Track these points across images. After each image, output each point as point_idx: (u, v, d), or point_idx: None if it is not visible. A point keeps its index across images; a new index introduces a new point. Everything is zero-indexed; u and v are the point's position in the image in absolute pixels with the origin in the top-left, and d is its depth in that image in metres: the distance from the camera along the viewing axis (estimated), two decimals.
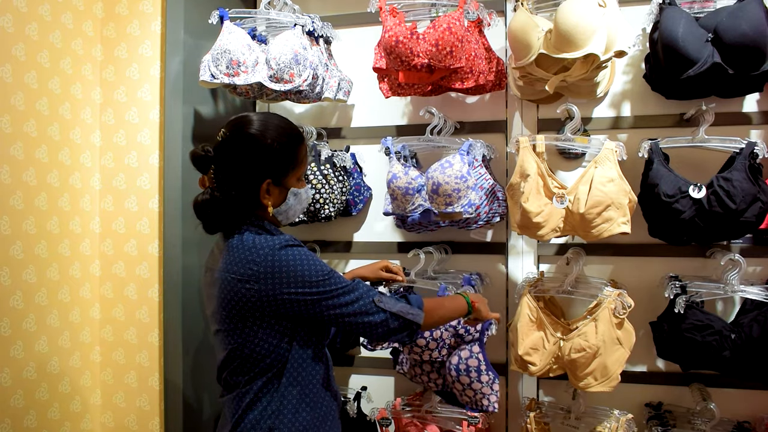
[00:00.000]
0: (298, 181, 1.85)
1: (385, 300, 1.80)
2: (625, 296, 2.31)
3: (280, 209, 1.84)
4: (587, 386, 2.33)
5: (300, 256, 1.72)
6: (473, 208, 2.41)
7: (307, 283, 1.71)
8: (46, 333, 2.62)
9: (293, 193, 1.84)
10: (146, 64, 2.77)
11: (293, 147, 1.79)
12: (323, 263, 1.76)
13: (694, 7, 2.36)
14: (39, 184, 2.57)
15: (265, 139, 1.75)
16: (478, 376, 2.40)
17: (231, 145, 1.76)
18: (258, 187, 1.76)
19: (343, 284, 1.75)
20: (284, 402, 1.76)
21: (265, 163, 1.76)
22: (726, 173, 2.24)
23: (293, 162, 1.80)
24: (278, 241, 1.73)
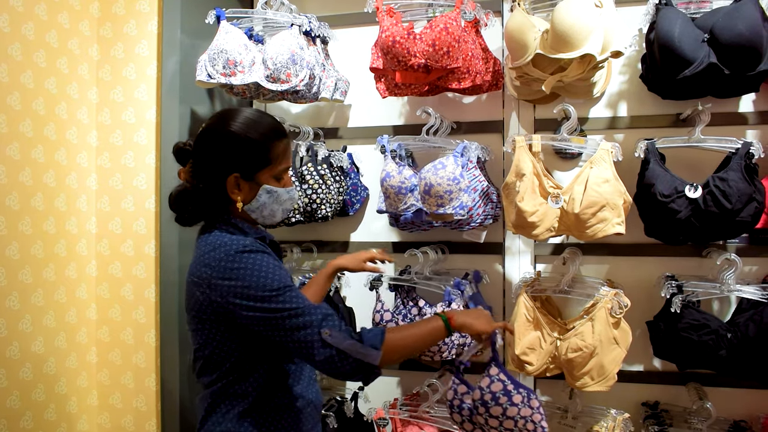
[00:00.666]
0: (275, 179, 1.77)
1: (336, 334, 1.60)
2: (621, 296, 2.31)
3: (251, 206, 1.76)
4: (584, 386, 2.34)
5: (253, 265, 1.63)
6: (465, 210, 2.41)
7: (252, 297, 1.61)
8: (43, 334, 2.61)
9: (266, 191, 1.75)
10: (143, 64, 2.76)
11: (266, 143, 1.72)
12: (279, 276, 1.63)
13: (690, 8, 2.37)
14: (35, 184, 2.57)
15: (233, 132, 1.70)
16: (509, 400, 2.00)
17: (204, 137, 1.74)
18: (224, 179, 1.71)
19: (292, 305, 1.60)
20: (244, 408, 1.71)
21: (233, 156, 1.71)
22: (722, 173, 2.24)
23: (265, 158, 1.73)
24: (236, 246, 1.65)
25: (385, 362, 1.64)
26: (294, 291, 1.64)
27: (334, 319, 1.63)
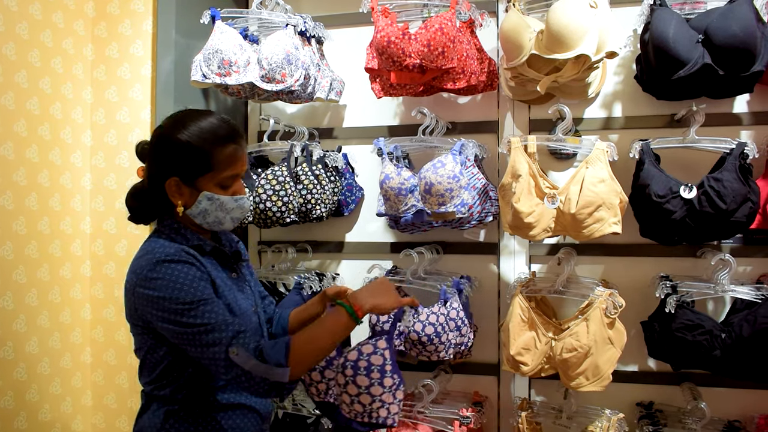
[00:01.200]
0: (219, 187, 1.72)
1: (242, 354, 1.56)
2: (616, 296, 2.31)
3: (192, 212, 1.72)
4: (579, 386, 2.34)
5: (170, 276, 1.60)
6: (466, 207, 2.41)
7: (166, 309, 1.59)
8: (37, 334, 2.60)
9: (207, 198, 1.70)
10: (137, 64, 2.76)
11: (208, 148, 1.67)
12: (195, 289, 1.60)
13: (684, 9, 2.38)
14: (29, 184, 2.56)
15: (174, 135, 1.67)
16: (380, 378, 1.89)
17: (152, 138, 1.74)
18: (163, 183, 1.69)
19: (203, 321, 1.57)
20: (172, 409, 1.71)
21: (172, 160, 1.68)
22: (717, 173, 2.25)
23: (205, 164, 1.68)
24: (159, 254, 1.64)
25: (297, 374, 1.61)
26: (209, 305, 1.60)
27: (245, 336, 1.59)
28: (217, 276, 1.74)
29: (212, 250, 1.78)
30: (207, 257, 1.75)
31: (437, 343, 2.42)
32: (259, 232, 3.13)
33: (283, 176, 2.59)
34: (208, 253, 1.76)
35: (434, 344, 2.42)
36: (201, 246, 1.74)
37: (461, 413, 2.52)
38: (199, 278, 1.63)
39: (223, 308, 1.62)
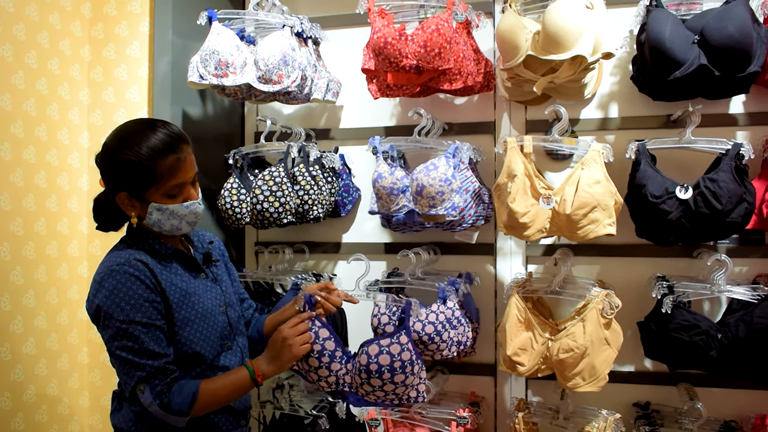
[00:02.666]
0: (166, 196, 1.76)
1: (147, 395, 1.67)
2: (612, 296, 2.32)
3: (147, 222, 1.79)
4: (575, 386, 2.34)
5: (113, 287, 1.68)
6: (457, 211, 2.41)
7: (101, 316, 1.70)
8: (34, 335, 2.60)
9: (156, 209, 1.75)
10: (134, 65, 2.76)
11: (149, 162, 1.70)
12: (130, 308, 1.67)
13: (680, 9, 2.38)
14: (26, 185, 2.56)
15: (116, 153, 1.72)
16: (411, 369, 2.02)
17: (100, 153, 1.79)
18: (114, 197, 1.77)
19: (128, 344, 1.67)
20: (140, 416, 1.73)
21: (118, 176, 1.74)
22: (712, 174, 2.25)
23: (149, 178, 1.71)
24: (109, 263, 1.72)
25: (193, 416, 1.75)
26: (138, 329, 1.67)
27: (156, 380, 1.69)
28: (178, 279, 1.81)
29: (173, 253, 1.84)
30: (168, 261, 1.82)
31: (438, 341, 2.42)
32: (256, 233, 3.14)
33: (280, 177, 2.60)
34: (169, 255, 1.83)
35: (435, 343, 2.42)
36: (158, 250, 1.81)
37: (458, 414, 2.53)
38: (144, 298, 1.69)
39: (151, 338, 1.69)
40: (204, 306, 1.84)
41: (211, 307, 1.87)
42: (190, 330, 1.80)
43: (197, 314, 1.81)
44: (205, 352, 1.83)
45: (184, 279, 1.83)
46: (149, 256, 1.77)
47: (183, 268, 1.86)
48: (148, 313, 1.68)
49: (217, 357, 1.88)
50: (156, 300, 1.71)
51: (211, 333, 1.85)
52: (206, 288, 1.89)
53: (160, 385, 1.68)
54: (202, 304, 1.84)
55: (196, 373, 1.81)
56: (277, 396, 2.77)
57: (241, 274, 2.82)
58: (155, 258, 1.79)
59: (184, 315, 1.79)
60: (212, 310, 1.87)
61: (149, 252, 1.78)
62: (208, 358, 1.84)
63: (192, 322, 1.80)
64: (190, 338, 1.79)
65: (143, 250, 1.78)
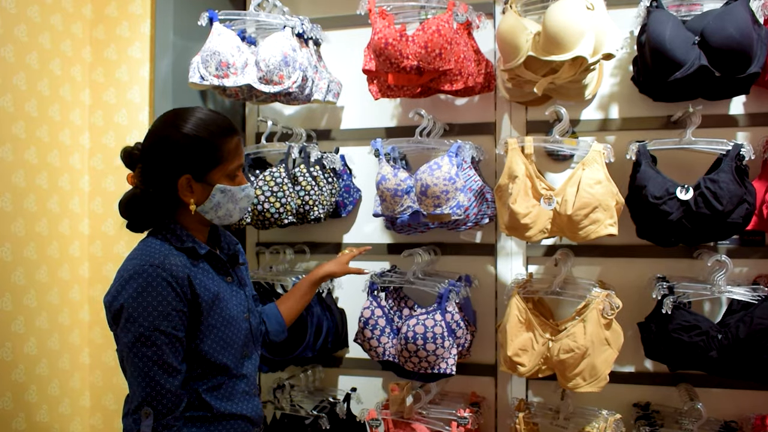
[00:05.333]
0: (228, 178, 1.74)
1: (148, 420, 1.60)
2: (613, 297, 2.32)
3: (205, 207, 1.73)
4: (576, 387, 2.34)
5: (140, 288, 1.60)
6: (462, 209, 2.41)
7: (123, 323, 1.61)
8: (35, 335, 2.61)
9: (220, 191, 1.72)
10: (135, 66, 2.77)
11: (215, 142, 1.69)
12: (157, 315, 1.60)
13: (681, 10, 2.38)
14: (28, 185, 2.57)
15: (180, 132, 1.66)
16: (442, 342, 2.41)
17: (150, 140, 1.71)
18: (176, 182, 1.68)
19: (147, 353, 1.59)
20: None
21: (182, 158, 1.67)
22: (713, 175, 2.26)
23: (215, 157, 1.69)
24: (144, 261, 1.63)
25: None
26: (161, 339, 1.60)
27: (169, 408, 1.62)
28: (209, 281, 1.74)
29: (206, 253, 1.77)
30: (200, 261, 1.75)
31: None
32: (257, 234, 3.14)
33: (280, 178, 2.60)
34: (202, 256, 1.75)
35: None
36: (194, 249, 1.73)
37: (459, 414, 2.53)
38: (172, 306, 1.62)
39: (171, 350, 1.62)
40: (230, 312, 1.77)
41: (236, 313, 1.80)
42: (214, 338, 1.72)
43: (223, 320, 1.75)
44: (229, 361, 1.76)
45: (214, 281, 1.76)
46: (185, 256, 1.70)
47: (213, 269, 1.79)
48: (173, 323, 1.62)
49: (236, 365, 1.80)
50: (183, 309, 1.64)
51: (234, 341, 1.78)
52: (232, 293, 1.82)
53: (165, 420, 1.61)
54: (228, 310, 1.77)
55: (214, 384, 1.73)
56: (278, 396, 2.77)
57: None
58: (190, 257, 1.72)
59: (211, 321, 1.72)
60: (237, 316, 1.80)
61: (184, 251, 1.72)
62: (231, 369, 1.77)
63: (216, 329, 1.73)
64: (213, 346, 1.72)
65: (179, 249, 1.71)
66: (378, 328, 2.54)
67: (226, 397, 1.76)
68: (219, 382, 1.75)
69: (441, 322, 2.41)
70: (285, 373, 2.87)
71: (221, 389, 1.75)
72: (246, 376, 1.83)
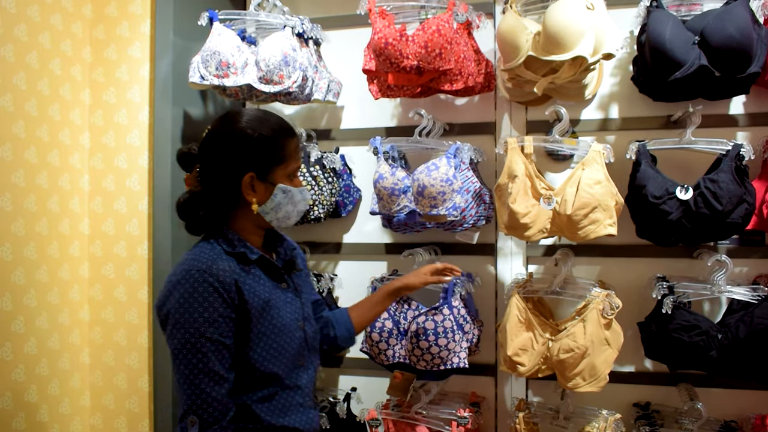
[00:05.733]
0: (288, 178, 1.73)
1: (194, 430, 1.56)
2: (613, 297, 2.32)
3: (266, 208, 1.71)
4: (576, 386, 2.34)
5: (188, 296, 1.58)
6: (458, 211, 2.41)
7: (170, 330, 1.59)
8: (35, 335, 2.61)
9: (282, 190, 1.71)
10: (135, 66, 2.77)
11: (278, 140, 1.69)
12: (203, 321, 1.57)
13: (681, 10, 2.38)
14: (28, 185, 2.57)
15: (245, 130, 1.66)
16: (453, 337, 2.41)
17: (212, 139, 1.69)
18: (239, 180, 1.66)
19: (192, 360, 1.56)
20: None
21: (246, 155, 1.66)
22: (713, 175, 2.26)
23: (278, 156, 1.69)
24: (191, 266, 1.61)
25: None
26: (207, 346, 1.57)
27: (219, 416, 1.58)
28: (260, 287, 1.70)
29: (258, 259, 1.73)
30: (252, 266, 1.71)
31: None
32: None
33: None
34: (253, 262, 1.72)
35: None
36: (244, 254, 1.70)
37: (459, 414, 2.53)
38: (219, 312, 1.59)
39: (218, 358, 1.59)
40: (282, 320, 1.72)
41: (289, 322, 1.75)
42: (264, 346, 1.68)
43: (274, 329, 1.70)
44: (280, 371, 1.71)
45: (266, 288, 1.71)
46: (235, 261, 1.67)
47: (265, 275, 1.74)
48: (220, 330, 1.58)
49: (290, 375, 1.75)
50: (230, 316, 1.61)
51: (286, 351, 1.73)
52: (286, 300, 1.77)
53: (210, 430, 1.56)
54: (281, 318, 1.72)
55: (265, 395, 1.69)
56: None
57: None
58: (240, 262, 1.68)
59: (261, 329, 1.67)
60: (290, 325, 1.75)
61: (235, 256, 1.68)
62: (283, 379, 1.72)
63: (267, 338, 1.68)
64: (263, 355, 1.68)
65: (229, 253, 1.68)
66: (386, 330, 2.52)
67: (278, 409, 1.71)
68: (270, 393, 1.70)
69: (449, 316, 2.42)
70: None
71: (273, 401, 1.71)
72: (300, 388, 1.77)
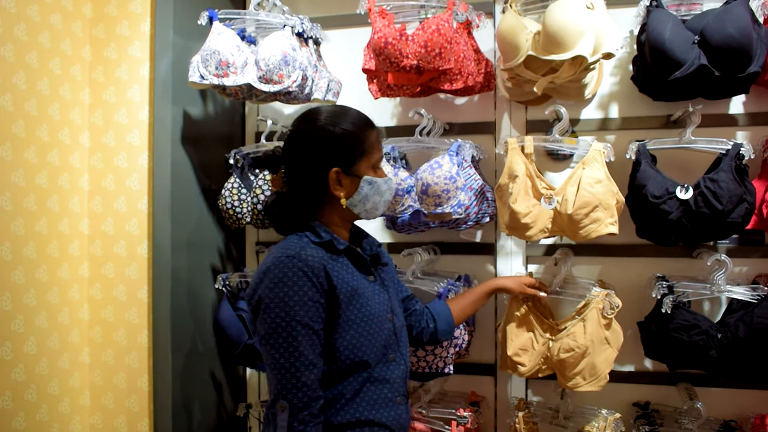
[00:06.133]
0: (372, 169, 1.78)
1: (284, 414, 1.56)
2: (612, 296, 2.32)
3: (353, 201, 1.75)
4: (576, 386, 2.34)
5: (278, 281, 1.60)
6: (462, 208, 2.41)
7: (261, 315, 1.62)
8: (35, 334, 2.61)
9: (367, 182, 1.75)
10: (135, 65, 2.76)
11: (360, 133, 1.74)
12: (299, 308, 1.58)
13: (681, 10, 2.38)
14: (27, 185, 2.57)
15: (326, 127, 1.71)
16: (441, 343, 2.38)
17: (294, 139, 1.76)
18: (325, 176, 1.71)
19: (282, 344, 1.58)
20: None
21: (330, 151, 1.71)
22: (713, 174, 2.26)
23: (361, 148, 1.74)
24: (280, 254, 1.64)
25: None
26: (297, 329, 1.58)
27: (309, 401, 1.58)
28: (349, 275, 1.72)
29: (345, 249, 1.76)
30: (340, 256, 1.75)
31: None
32: (256, 233, 3.14)
33: None
34: (341, 251, 1.75)
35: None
36: (332, 243, 1.73)
37: (458, 413, 2.53)
38: (308, 296, 1.61)
39: (308, 343, 1.60)
40: (371, 309, 1.73)
41: (378, 312, 1.75)
42: (353, 333, 1.68)
43: (363, 317, 1.70)
44: (369, 359, 1.71)
45: (354, 276, 1.74)
46: (323, 250, 1.70)
47: (353, 265, 1.77)
48: (310, 314, 1.60)
49: (379, 368, 1.74)
50: (320, 301, 1.63)
51: (375, 340, 1.72)
52: (374, 291, 1.79)
53: (300, 415, 1.57)
54: (369, 307, 1.73)
55: (353, 385, 1.69)
56: None
57: (242, 274, 2.83)
58: (328, 251, 1.72)
59: (349, 316, 1.68)
60: (379, 315, 1.75)
61: (322, 245, 1.72)
62: (372, 369, 1.72)
63: (356, 325, 1.69)
64: (352, 342, 1.68)
65: (317, 243, 1.71)
66: None
67: (365, 402, 1.71)
68: (358, 386, 1.70)
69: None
70: None
71: (360, 393, 1.71)
72: (389, 382, 1.76)
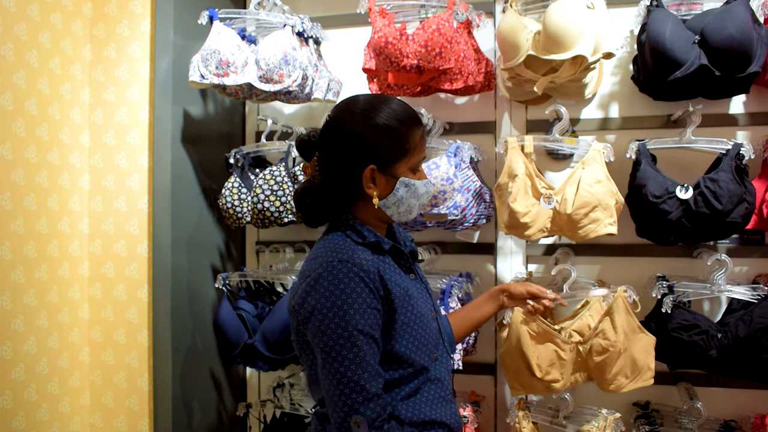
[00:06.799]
0: (411, 170, 1.62)
1: (365, 429, 1.45)
2: (631, 289, 2.31)
3: (387, 202, 1.61)
4: (620, 387, 2.28)
5: (333, 288, 1.47)
6: (459, 210, 2.41)
7: (317, 327, 1.48)
8: (35, 334, 2.61)
9: (404, 184, 1.60)
10: (135, 65, 2.76)
11: (402, 130, 1.57)
12: (359, 315, 1.46)
13: (681, 9, 2.39)
14: (27, 184, 2.57)
15: (368, 119, 1.55)
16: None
17: (333, 127, 1.59)
18: (360, 172, 1.57)
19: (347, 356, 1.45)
20: None
21: (369, 146, 1.55)
22: (713, 174, 2.26)
23: (403, 147, 1.58)
24: (331, 257, 1.51)
25: None
26: (361, 339, 1.46)
27: (381, 411, 1.49)
28: (398, 276, 1.62)
29: (391, 248, 1.66)
30: (385, 256, 1.64)
31: None
32: (256, 232, 3.14)
33: (281, 176, 2.60)
34: (386, 252, 1.65)
35: None
36: (378, 243, 1.62)
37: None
38: (367, 303, 1.49)
39: (372, 353, 1.49)
40: (420, 310, 1.63)
41: (425, 311, 1.66)
42: (409, 337, 1.58)
43: (416, 318, 1.60)
44: (426, 362, 1.62)
45: (401, 277, 1.63)
46: (369, 252, 1.58)
47: (397, 266, 1.66)
48: (370, 322, 1.48)
49: (432, 367, 1.65)
50: (378, 307, 1.51)
51: (428, 340, 1.63)
52: (418, 290, 1.69)
53: (377, 423, 1.47)
54: (418, 308, 1.63)
55: (411, 389, 1.59)
56: (278, 395, 2.77)
57: (242, 274, 2.83)
58: (374, 253, 1.60)
59: (404, 320, 1.57)
60: (426, 314, 1.66)
61: (368, 246, 1.60)
62: (429, 370, 1.63)
63: (410, 328, 1.59)
64: (408, 347, 1.58)
65: (360, 244, 1.59)
66: None
67: (425, 403, 1.62)
68: (415, 387, 1.61)
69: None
70: (285, 372, 2.87)
71: (417, 395, 1.61)
72: (441, 380, 1.67)
